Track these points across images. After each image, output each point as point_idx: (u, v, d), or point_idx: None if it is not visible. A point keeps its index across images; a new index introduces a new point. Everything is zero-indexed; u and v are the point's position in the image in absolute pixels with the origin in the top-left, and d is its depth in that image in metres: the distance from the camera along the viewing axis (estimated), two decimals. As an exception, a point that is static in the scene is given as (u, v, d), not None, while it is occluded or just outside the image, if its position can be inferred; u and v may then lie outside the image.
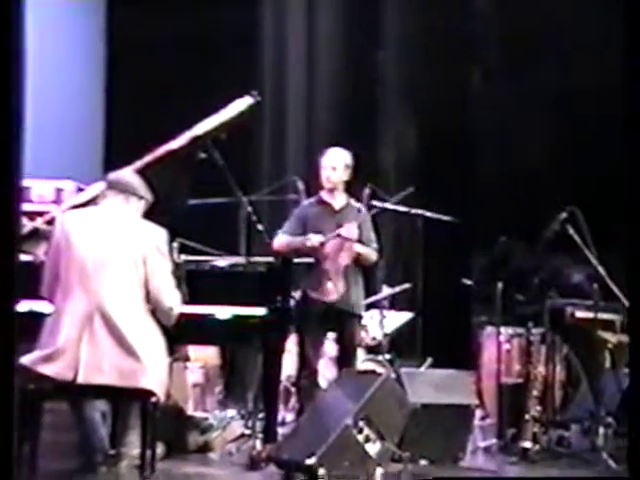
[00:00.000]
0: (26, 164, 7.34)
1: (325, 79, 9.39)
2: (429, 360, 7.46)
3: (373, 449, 5.34)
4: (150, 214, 5.35)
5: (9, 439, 1.74)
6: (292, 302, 5.92)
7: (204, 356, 6.67)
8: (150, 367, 4.95)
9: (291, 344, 6.54)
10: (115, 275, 5.02)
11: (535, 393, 6.44)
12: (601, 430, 6.20)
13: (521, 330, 6.70)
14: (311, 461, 5.13)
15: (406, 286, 7.55)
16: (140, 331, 5.00)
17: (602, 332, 6.63)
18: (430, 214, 7.29)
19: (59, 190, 6.87)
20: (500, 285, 6.59)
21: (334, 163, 6.54)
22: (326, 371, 6.76)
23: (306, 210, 6.61)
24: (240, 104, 5.99)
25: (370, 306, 7.14)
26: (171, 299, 5.15)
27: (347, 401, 5.51)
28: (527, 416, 6.34)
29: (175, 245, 5.75)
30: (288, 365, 6.63)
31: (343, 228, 6.36)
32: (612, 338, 6.66)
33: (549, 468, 5.89)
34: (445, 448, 5.88)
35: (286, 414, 6.82)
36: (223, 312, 5.55)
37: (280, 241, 6.41)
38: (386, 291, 7.47)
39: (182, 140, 5.89)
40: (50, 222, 5.73)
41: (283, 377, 6.59)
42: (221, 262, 5.88)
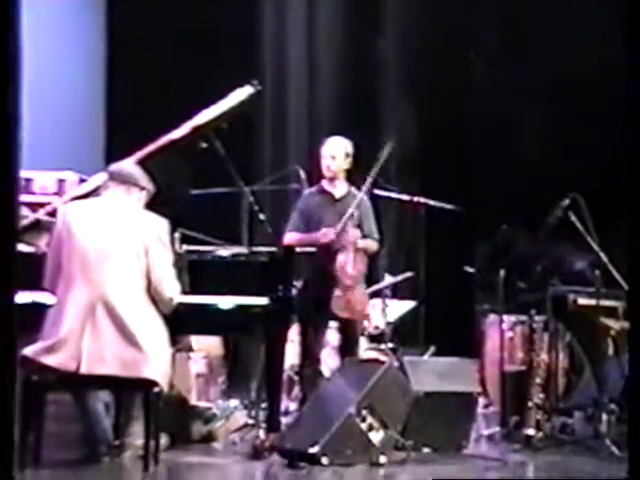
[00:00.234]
0: (28, 156, 7.36)
1: (326, 69, 9.39)
2: (432, 348, 7.47)
3: (376, 437, 5.37)
4: (152, 204, 5.39)
5: (10, 429, 1.73)
6: (294, 291, 5.93)
7: (207, 346, 6.68)
8: (153, 357, 4.99)
9: (294, 334, 6.56)
10: (117, 266, 5.05)
11: (538, 381, 6.45)
12: (604, 417, 6.21)
13: (524, 318, 6.70)
14: (314, 450, 5.18)
15: (408, 274, 7.56)
16: (142, 321, 5.04)
17: (605, 319, 6.63)
18: (432, 202, 7.29)
19: (61, 181, 6.89)
20: (502, 273, 6.59)
21: (334, 152, 6.56)
22: (329, 360, 6.77)
23: (307, 200, 6.63)
24: (241, 93, 6.00)
25: (372, 295, 7.15)
26: (171, 290, 5.19)
27: (350, 390, 5.54)
28: (530, 404, 6.34)
29: (177, 235, 5.75)
30: (291, 354, 6.64)
31: (350, 235, 6.37)
32: (615, 325, 6.66)
33: (552, 455, 5.89)
34: (448, 436, 5.88)
35: (289, 403, 6.82)
36: (225, 302, 5.56)
37: (291, 238, 6.46)
38: (388, 280, 7.47)
39: (183, 130, 5.89)
40: (52, 213, 5.74)
41: (286, 366, 6.59)
42: (223, 252, 5.89)
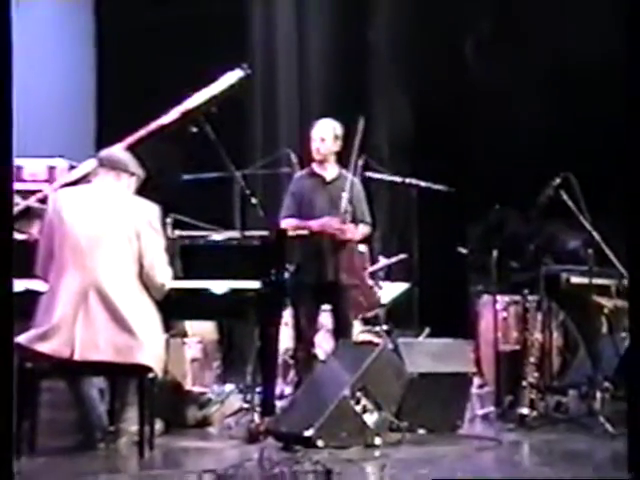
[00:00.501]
0: (18, 143, 7.36)
1: (316, 52, 9.39)
2: (427, 330, 7.49)
3: (371, 419, 5.39)
4: (143, 190, 5.39)
5: (8, 417, 1.74)
6: (287, 275, 5.94)
7: (201, 331, 6.68)
8: (146, 343, 5.01)
9: (288, 317, 6.59)
10: (109, 252, 5.06)
11: (532, 360, 6.48)
12: (598, 395, 6.22)
13: (517, 297, 6.73)
14: (309, 433, 5.19)
15: (402, 257, 7.58)
16: (135, 307, 5.06)
17: (598, 297, 6.65)
18: (424, 184, 7.30)
19: (51, 168, 6.89)
20: (495, 253, 6.60)
21: (323, 134, 6.58)
22: (324, 343, 6.80)
23: (298, 184, 6.66)
24: (231, 77, 6.01)
25: (369, 276, 7.18)
26: (163, 275, 5.21)
27: (344, 372, 5.55)
28: (524, 383, 6.36)
29: (168, 220, 5.77)
30: (286, 338, 6.67)
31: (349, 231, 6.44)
32: (608, 303, 6.69)
33: (547, 434, 5.90)
34: (443, 417, 5.89)
35: (285, 387, 6.85)
36: (219, 286, 5.57)
37: (289, 224, 6.48)
38: (382, 262, 7.49)
39: (173, 115, 5.90)
40: (43, 200, 5.75)
41: (281, 350, 6.64)
42: (216, 236, 5.90)
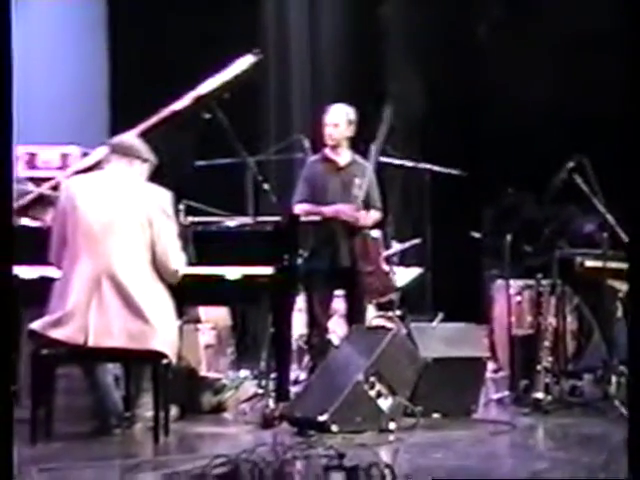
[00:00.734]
0: (32, 131, 7.40)
1: (328, 37, 9.38)
2: (440, 315, 7.50)
3: (385, 404, 5.40)
4: (156, 177, 5.40)
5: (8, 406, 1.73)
6: (300, 261, 5.96)
7: (215, 317, 6.71)
8: (159, 329, 5.03)
9: (303, 303, 6.60)
10: (122, 238, 5.08)
11: (546, 344, 6.46)
12: (613, 379, 6.24)
13: (531, 282, 6.72)
14: (323, 418, 5.20)
15: (415, 241, 7.58)
16: (148, 293, 5.08)
17: (612, 281, 6.64)
18: (437, 168, 7.30)
19: (65, 155, 6.92)
20: (509, 237, 6.60)
21: (336, 120, 6.58)
22: (337, 328, 6.81)
23: (311, 169, 6.67)
24: (242, 63, 6.01)
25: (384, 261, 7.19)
26: (176, 261, 5.22)
27: (358, 357, 5.56)
28: (539, 367, 6.35)
29: (181, 207, 5.79)
30: (300, 324, 6.69)
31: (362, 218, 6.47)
32: (623, 286, 6.66)
33: (562, 418, 5.90)
34: (457, 401, 5.90)
35: (300, 373, 6.87)
36: (232, 272, 5.59)
37: (302, 209, 6.50)
38: (396, 247, 7.49)
39: (186, 101, 5.91)
40: (56, 188, 5.78)
41: (296, 336, 6.66)
42: (229, 222, 5.92)
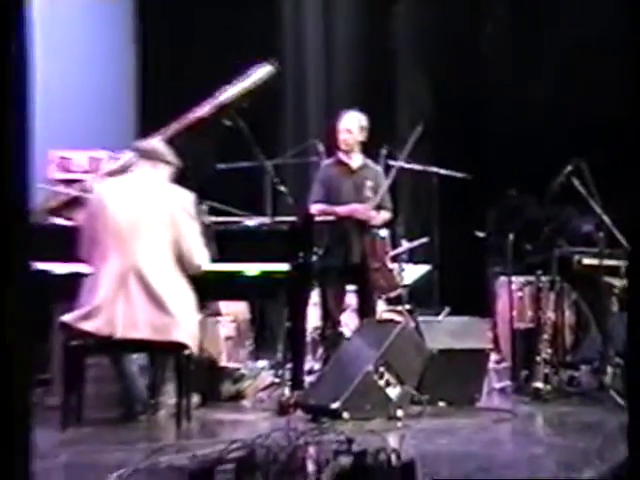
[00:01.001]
0: (64, 136, 7.42)
1: (342, 46, 9.37)
2: (446, 309, 7.50)
3: (393, 393, 5.40)
4: (180, 179, 5.42)
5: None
6: (314, 258, 5.98)
7: (235, 311, 6.72)
8: (182, 322, 5.05)
9: (317, 298, 6.62)
10: (147, 237, 5.11)
11: (546, 337, 6.47)
12: (609, 370, 6.22)
13: (532, 278, 6.72)
14: (335, 405, 5.22)
15: (423, 240, 7.58)
16: (171, 288, 5.10)
17: (608, 278, 6.64)
18: (444, 171, 7.30)
19: (95, 160, 6.95)
20: (511, 236, 6.60)
21: (349, 126, 6.62)
22: (349, 322, 6.81)
23: (326, 172, 6.71)
24: (260, 72, 6.04)
25: (391, 260, 7.19)
26: (200, 257, 5.25)
27: (368, 349, 5.58)
28: (539, 358, 6.35)
29: (204, 207, 5.81)
30: (314, 317, 6.70)
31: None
32: (618, 283, 6.65)
33: (560, 406, 5.90)
34: (461, 390, 5.90)
35: (314, 363, 6.86)
36: (250, 269, 5.61)
37: (317, 209, 6.52)
38: (405, 245, 7.50)
39: (207, 108, 5.94)
40: (86, 189, 5.82)
41: (310, 329, 6.66)
42: (248, 222, 5.94)
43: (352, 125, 6.63)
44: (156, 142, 5.50)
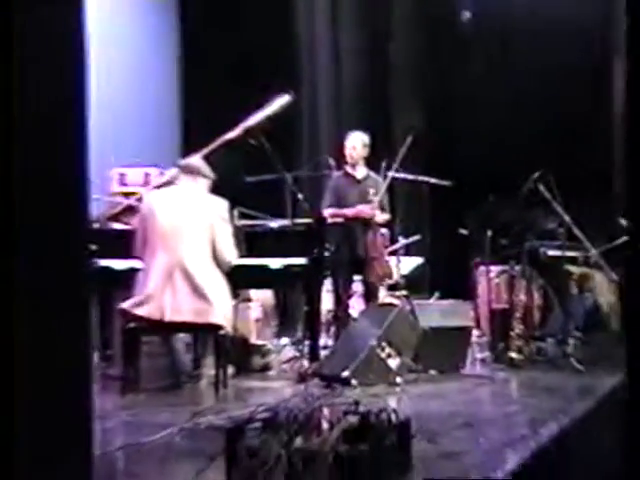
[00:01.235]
0: (122, 155, 7.36)
1: (349, 78, 9.34)
2: (436, 294, 7.48)
3: (393, 363, 5.39)
4: (215, 189, 5.42)
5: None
6: (327, 253, 5.97)
7: (262, 297, 6.69)
8: (218, 307, 5.05)
9: (330, 286, 6.60)
10: (189, 238, 5.11)
11: (518, 315, 6.44)
12: (570, 341, 6.23)
13: (506, 267, 6.71)
14: (345, 374, 5.22)
15: (417, 237, 7.56)
16: (209, 280, 5.10)
17: (569, 266, 6.63)
18: (433, 180, 7.28)
19: (147, 174, 6.95)
20: (489, 233, 6.59)
21: (354, 143, 6.62)
22: (356, 305, 6.80)
23: (336, 181, 6.72)
24: (279, 101, 6.06)
25: (390, 254, 7.18)
26: (230, 255, 5.25)
27: (372, 327, 5.56)
28: (512, 333, 6.33)
29: (235, 212, 5.81)
30: (327, 302, 6.68)
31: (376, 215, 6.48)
32: (576, 270, 6.66)
33: (530, 372, 5.90)
34: (449, 360, 5.87)
35: (328, 340, 6.85)
36: (274, 262, 5.61)
37: (329, 211, 6.50)
38: (402, 242, 7.49)
39: (237, 131, 5.95)
40: (140, 199, 5.83)
41: (324, 311, 6.63)
42: (272, 224, 5.94)
43: (356, 143, 6.63)
44: (196, 159, 5.51)
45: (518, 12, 8.53)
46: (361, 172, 6.70)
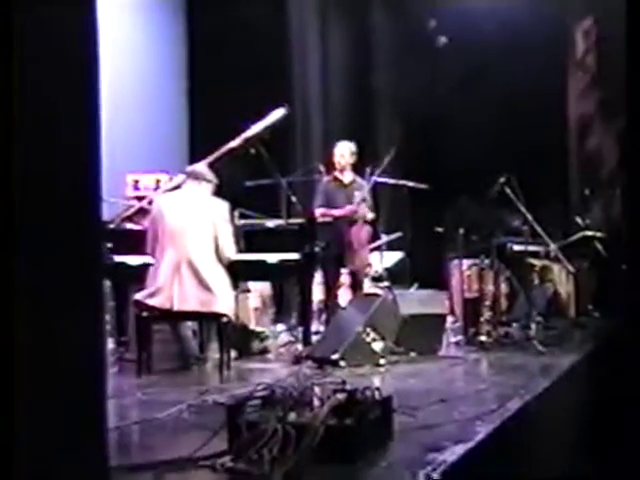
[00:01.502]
0: (135, 162, 7.33)
1: (337, 95, 9.35)
2: (415, 285, 7.48)
3: (377, 347, 5.38)
4: (218, 192, 5.41)
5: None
6: (318, 249, 5.95)
7: (260, 288, 6.68)
8: (221, 297, 5.05)
9: (320, 278, 6.59)
10: (194, 236, 5.10)
11: (487, 303, 6.46)
12: (533, 326, 6.25)
13: (477, 261, 6.72)
14: (335, 357, 5.22)
15: (398, 234, 7.56)
16: (213, 273, 5.09)
17: (531, 259, 6.65)
18: (411, 184, 7.28)
19: (157, 180, 6.93)
20: (461, 231, 6.60)
21: (342, 151, 6.63)
22: (344, 295, 6.80)
23: (325, 185, 6.72)
24: (276, 114, 6.05)
25: (374, 249, 7.17)
26: (230, 251, 5.24)
27: (358, 315, 5.56)
28: (482, 319, 6.37)
29: (236, 213, 5.79)
30: (318, 293, 6.67)
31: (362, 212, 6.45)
32: (538, 263, 6.68)
33: (498, 353, 5.91)
34: (427, 344, 5.86)
35: (319, 326, 6.84)
36: (271, 258, 5.59)
37: (320, 212, 6.50)
38: (384, 238, 7.47)
39: (238, 141, 5.94)
40: (151, 202, 5.81)
41: (315, 301, 6.63)
42: (268, 223, 5.93)
43: (344, 151, 6.64)
44: (201, 166, 5.50)
45: (489, 37, 8.56)
46: (348, 177, 6.70)
